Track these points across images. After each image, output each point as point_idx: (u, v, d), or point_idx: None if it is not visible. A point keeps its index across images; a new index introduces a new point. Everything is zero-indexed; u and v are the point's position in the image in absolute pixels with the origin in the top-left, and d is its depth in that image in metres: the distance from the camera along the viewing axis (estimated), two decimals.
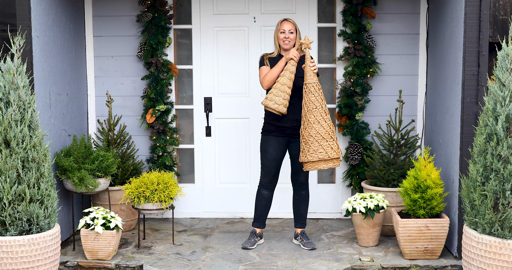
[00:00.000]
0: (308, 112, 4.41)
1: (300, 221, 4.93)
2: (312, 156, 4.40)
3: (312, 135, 4.39)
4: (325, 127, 4.41)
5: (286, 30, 4.64)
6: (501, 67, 3.66)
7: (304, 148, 4.44)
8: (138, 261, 4.50)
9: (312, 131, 4.39)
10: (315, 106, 4.41)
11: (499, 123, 3.57)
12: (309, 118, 4.41)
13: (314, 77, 4.45)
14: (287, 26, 4.65)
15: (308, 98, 4.42)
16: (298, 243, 4.91)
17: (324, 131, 4.40)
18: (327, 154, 4.41)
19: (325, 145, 4.40)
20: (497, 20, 5.04)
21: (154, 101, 5.50)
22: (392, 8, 5.46)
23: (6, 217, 3.74)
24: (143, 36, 5.48)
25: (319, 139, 4.39)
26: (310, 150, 4.40)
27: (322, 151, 4.40)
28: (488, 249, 3.59)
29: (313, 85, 4.43)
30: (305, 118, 4.44)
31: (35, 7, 4.43)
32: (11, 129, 3.75)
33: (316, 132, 4.39)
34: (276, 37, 4.69)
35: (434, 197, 4.42)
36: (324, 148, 4.40)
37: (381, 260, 4.49)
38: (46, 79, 4.64)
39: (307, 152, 4.41)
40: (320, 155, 4.40)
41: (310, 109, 4.41)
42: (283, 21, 4.68)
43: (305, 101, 4.44)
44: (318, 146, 4.39)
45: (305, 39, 4.52)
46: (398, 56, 5.50)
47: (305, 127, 4.42)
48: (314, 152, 4.40)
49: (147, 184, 4.78)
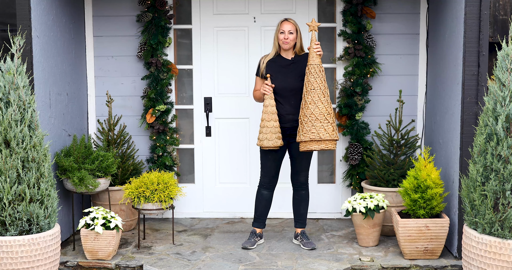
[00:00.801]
0: (306, 92, 4.48)
1: (300, 221, 4.93)
2: (305, 136, 4.46)
3: (306, 116, 4.45)
4: (320, 108, 4.45)
5: (285, 31, 4.64)
6: (501, 67, 3.66)
7: (299, 129, 4.52)
8: (138, 261, 4.50)
9: (308, 111, 4.45)
10: (313, 87, 4.46)
11: (499, 123, 3.57)
12: (306, 98, 4.48)
13: (316, 59, 4.50)
14: (287, 26, 4.65)
15: (308, 79, 4.49)
16: (298, 243, 4.90)
17: (318, 112, 4.44)
18: (318, 135, 4.44)
19: (318, 126, 4.44)
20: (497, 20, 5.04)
21: (154, 101, 5.50)
22: (392, 8, 5.46)
23: (6, 217, 3.74)
24: (143, 36, 5.48)
25: (312, 119, 4.44)
26: (304, 130, 4.47)
27: (315, 131, 4.44)
28: (488, 249, 3.59)
29: (314, 67, 4.49)
30: (303, 99, 4.51)
31: (35, 7, 4.43)
32: (11, 129, 3.75)
33: (310, 112, 4.44)
34: (276, 37, 4.69)
35: (434, 197, 4.42)
36: (317, 129, 4.44)
37: (381, 260, 4.49)
38: (46, 79, 4.65)
39: (301, 132, 4.49)
40: (312, 136, 4.44)
41: (308, 90, 4.48)
42: (284, 21, 4.68)
43: (306, 81, 4.51)
44: (311, 127, 4.44)
45: (312, 22, 4.56)
46: (398, 56, 5.50)
47: (302, 108, 4.51)
48: (306, 132, 4.46)
49: (147, 184, 4.78)
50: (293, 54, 4.72)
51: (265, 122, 4.61)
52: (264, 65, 4.73)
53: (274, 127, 4.58)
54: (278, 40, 4.68)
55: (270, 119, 4.59)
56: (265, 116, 4.61)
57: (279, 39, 4.67)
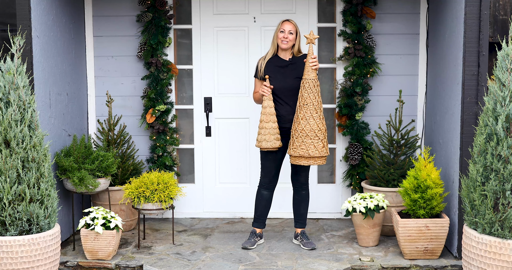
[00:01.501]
0: (299, 107, 4.51)
1: (300, 221, 4.94)
2: (294, 151, 4.51)
3: (297, 131, 4.49)
4: (312, 124, 4.46)
5: (286, 30, 4.65)
6: (501, 67, 3.66)
7: (290, 142, 4.58)
8: (138, 261, 4.50)
9: (299, 127, 4.48)
10: (306, 103, 4.47)
11: (499, 123, 3.57)
12: (298, 113, 4.50)
13: (311, 73, 4.48)
14: (287, 26, 4.66)
15: (301, 94, 4.50)
16: (298, 243, 4.91)
17: (309, 129, 4.46)
18: (307, 152, 4.48)
19: (308, 143, 4.47)
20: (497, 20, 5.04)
21: (154, 101, 5.50)
22: (392, 8, 5.46)
23: (6, 217, 3.74)
24: (143, 36, 5.48)
25: (303, 136, 4.47)
26: (294, 145, 4.52)
27: (304, 148, 4.48)
28: (488, 249, 3.59)
29: (309, 82, 4.48)
30: (296, 112, 4.54)
31: (35, 7, 4.43)
32: (11, 129, 3.75)
33: (301, 128, 4.47)
34: (276, 35, 4.70)
35: (434, 197, 4.42)
36: (306, 146, 4.47)
37: (381, 260, 4.49)
38: (46, 79, 4.65)
39: (291, 146, 4.55)
40: (301, 152, 4.48)
41: (301, 105, 4.50)
42: (285, 21, 4.70)
43: (299, 95, 4.52)
44: (301, 142, 4.48)
45: (310, 34, 4.55)
46: (398, 56, 5.50)
47: (294, 121, 4.55)
48: (296, 148, 4.50)
49: (147, 184, 4.78)
50: (290, 55, 4.73)
51: (264, 123, 4.61)
52: (263, 66, 4.73)
53: (273, 129, 4.59)
54: (277, 39, 4.69)
55: (269, 120, 4.60)
56: (263, 117, 4.61)
57: (278, 38, 4.68)
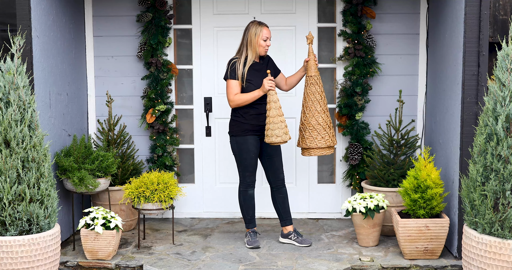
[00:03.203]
0: (315, 101, 4.66)
1: (289, 218, 4.95)
2: (321, 142, 4.69)
3: (320, 124, 4.67)
4: (328, 116, 4.72)
5: (268, 38, 4.70)
6: (501, 67, 3.66)
7: (310, 135, 4.69)
8: (138, 261, 4.51)
9: (320, 119, 4.67)
10: (321, 97, 4.68)
11: (499, 123, 3.57)
12: (316, 107, 4.66)
13: (317, 71, 4.70)
14: (268, 33, 4.71)
15: (315, 89, 4.67)
16: (292, 241, 4.90)
17: (328, 121, 4.70)
18: (332, 141, 4.71)
19: (330, 133, 4.71)
20: (497, 20, 5.04)
21: (154, 101, 5.50)
22: (392, 8, 5.46)
23: (6, 217, 3.74)
24: (143, 36, 5.48)
25: (326, 127, 4.69)
26: (318, 137, 4.68)
27: (328, 138, 4.70)
28: (488, 249, 3.59)
29: (318, 77, 4.68)
30: (311, 107, 4.68)
31: (35, 7, 4.43)
32: (11, 129, 3.75)
33: (323, 120, 4.68)
34: (256, 42, 4.68)
35: (434, 197, 4.42)
36: (330, 136, 4.71)
37: (381, 260, 4.49)
38: (46, 79, 4.65)
39: (315, 139, 4.69)
40: (328, 142, 4.70)
41: (317, 99, 4.66)
42: (264, 27, 4.70)
43: (311, 91, 4.67)
44: (325, 134, 4.69)
45: (309, 35, 4.69)
46: (398, 56, 5.50)
47: (312, 116, 4.68)
48: (322, 139, 4.69)
49: (147, 184, 4.78)
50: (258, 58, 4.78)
51: (278, 118, 4.60)
52: (246, 69, 4.70)
53: (281, 122, 4.60)
54: (258, 45, 4.69)
55: (281, 114, 4.61)
56: (275, 112, 4.59)
57: (260, 45, 4.69)
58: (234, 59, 4.77)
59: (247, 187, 4.85)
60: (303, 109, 4.69)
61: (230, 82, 4.72)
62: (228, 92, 4.73)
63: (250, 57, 4.71)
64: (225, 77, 4.77)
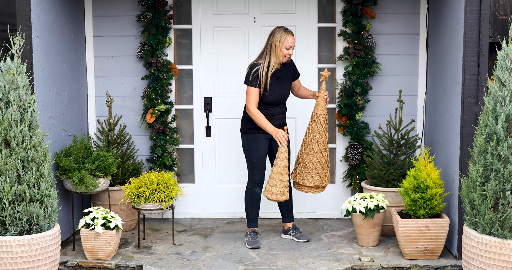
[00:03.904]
0: (314, 140, 4.66)
1: (290, 215, 5.06)
2: (309, 181, 4.69)
3: (313, 163, 4.67)
4: (324, 156, 4.70)
5: (291, 47, 4.65)
6: (501, 67, 3.66)
7: (301, 171, 4.71)
8: (138, 261, 4.51)
9: (314, 159, 4.66)
10: (321, 137, 4.66)
11: (499, 123, 3.57)
12: (313, 146, 4.66)
13: (325, 108, 4.67)
14: (292, 42, 4.64)
15: (317, 128, 4.65)
16: (291, 237, 5.00)
17: (323, 161, 4.69)
18: (321, 182, 4.72)
19: (322, 174, 4.71)
20: (497, 20, 5.04)
21: (154, 101, 5.50)
22: (392, 8, 5.46)
23: (6, 217, 3.74)
24: (143, 36, 5.48)
25: (318, 167, 4.68)
26: (308, 176, 4.69)
27: (319, 178, 4.70)
28: (488, 249, 3.59)
29: (323, 116, 4.67)
30: (309, 144, 4.68)
31: (35, 7, 4.43)
32: (11, 129, 3.75)
33: (317, 161, 4.66)
34: (280, 49, 4.62)
35: (434, 197, 4.42)
36: (321, 176, 4.71)
37: (381, 260, 4.49)
38: (46, 79, 4.65)
39: (305, 177, 4.70)
40: (317, 183, 4.71)
41: (316, 138, 4.66)
42: (289, 35, 4.62)
43: (313, 129, 4.67)
44: (316, 174, 4.69)
45: (325, 72, 4.68)
46: (398, 56, 5.50)
47: (308, 153, 4.68)
48: (311, 179, 4.69)
49: (147, 184, 4.78)
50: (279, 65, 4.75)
51: (281, 176, 4.59)
52: (269, 79, 4.66)
53: (281, 181, 4.61)
54: (281, 53, 4.63)
55: (285, 172, 4.60)
56: (278, 169, 4.59)
57: (283, 53, 4.63)
58: (257, 65, 4.69)
59: (255, 185, 4.87)
60: (302, 143, 4.73)
61: (251, 90, 4.67)
62: (247, 99, 4.68)
63: (273, 63, 4.65)
64: (246, 82, 4.71)
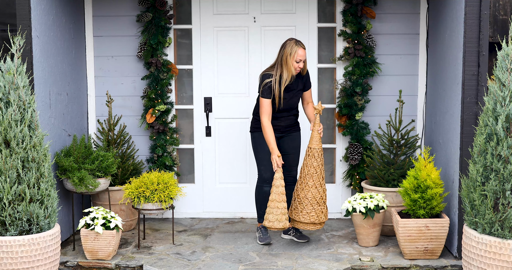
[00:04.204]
0: (308, 175, 4.61)
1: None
2: (305, 217, 4.63)
3: (308, 198, 4.61)
4: (320, 192, 4.63)
5: (302, 60, 4.65)
6: (501, 67, 3.66)
7: (297, 207, 4.65)
8: (138, 261, 4.50)
9: (309, 194, 4.60)
10: (316, 172, 4.60)
11: (499, 123, 3.57)
12: (307, 181, 4.60)
13: (320, 143, 4.61)
14: (303, 55, 4.63)
15: (311, 163, 4.60)
16: (291, 237, 4.98)
17: (319, 196, 4.62)
18: (318, 218, 4.64)
19: (317, 210, 4.63)
20: (497, 20, 5.04)
21: (154, 101, 5.50)
22: (392, 8, 5.46)
23: (6, 217, 3.74)
24: (143, 36, 5.48)
25: (313, 203, 4.61)
26: (303, 212, 4.63)
27: (314, 214, 4.63)
28: (488, 249, 3.59)
29: (317, 151, 4.61)
30: (303, 179, 4.62)
31: (35, 7, 4.43)
32: (11, 129, 3.75)
33: (312, 196, 4.60)
34: (291, 63, 4.62)
35: (434, 197, 4.42)
36: (317, 212, 4.63)
37: (381, 260, 4.49)
38: (46, 79, 4.65)
39: (300, 213, 4.63)
40: (312, 219, 4.63)
41: (311, 173, 4.60)
42: (300, 48, 4.62)
43: (307, 163, 4.62)
44: (311, 209, 4.62)
45: (318, 105, 4.63)
46: (398, 56, 5.50)
47: (302, 189, 4.62)
48: (307, 215, 4.63)
49: (147, 184, 4.78)
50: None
51: (276, 203, 4.56)
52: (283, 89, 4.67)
53: (284, 208, 4.58)
54: (293, 65, 4.63)
55: (281, 200, 4.57)
56: (274, 196, 4.56)
57: (293, 66, 4.63)
58: (268, 76, 4.68)
59: (263, 182, 4.88)
60: (299, 180, 4.67)
61: (264, 102, 4.67)
62: (261, 110, 4.69)
63: (285, 76, 4.65)
64: (259, 94, 4.72)
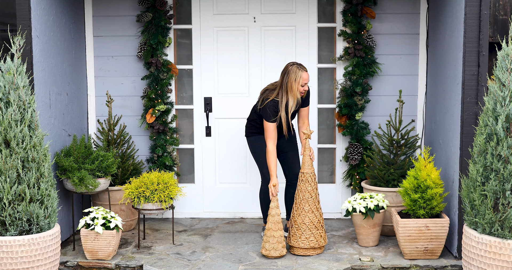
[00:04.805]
0: (304, 200, 4.59)
1: None
2: (304, 243, 4.59)
3: (305, 223, 4.58)
4: (317, 216, 4.60)
5: (306, 83, 4.67)
6: (501, 67, 3.66)
7: (295, 233, 4.62)
8: (138, 261, 4.50)
9: (306, 219, 4.58)
10: (311, 196, 4.59)
11: (499, 123, 3.57)
12: (303, 206, 4.59)
13: (312, 167, 4.60)
14: (307, 79, 4.65)
15: (305, 188, 4.59)
16: None
17: (316, 221, 4.60)
18: (317, 243, 4.61)
19: (316, 234, 4.60)
20: (497, 20, 5.04)
21: (154, 101, 5.50)
22: (392, 8, 5.46)
23: (6, 217, 3.74)
24: (143, 36, 5.48)
25: (312, 228, 4.58)
26: (302, 237, 4.59)
27: (313, 239, 4.60)
28: (488, 249, 3.59)
29: (310, 175, 4.59)
30: (299, 205, 4.60)
31: (35, 7, 4.43)
32: (11, 129, 3.75)
33: (309, 221, 4.58)
34: (296, 89, 4.63)
35: (434, 197, 4.42)
36: (316, 237, 4.60)
37: (381, 260, 4.49)
38: (46, 79, 4.65)
39: (299, 239, 4.60)
40: (312, 243, 4.60)
41: (306, 198, 4.59)
42: (304, 72, 4.64)
43: (301, 188, 4.60)
44: (310, 234, 4.59)
45: (307, 130, 4.66)
46: (398, 56, 5.50)
47: (299, 214, 4.60)
48: (306, 240, 4.59)
49: (147, 184, 4.78)
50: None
51: (272, 232, 4.54)
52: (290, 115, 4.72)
53: (280, 236, 4.56)
54: (298, 90, 4.65)
55: (277, 228, 4.55)
56: (272, 225, 4.55)
57: (299, 90, 4.65)
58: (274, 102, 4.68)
59: (266, 184, 4.87)
60: (294, 204, 4.66)
61: (269, 126, 4.69)
62: (266, 134, 4.71)
63: (291, 103, 4.68)
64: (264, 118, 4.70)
